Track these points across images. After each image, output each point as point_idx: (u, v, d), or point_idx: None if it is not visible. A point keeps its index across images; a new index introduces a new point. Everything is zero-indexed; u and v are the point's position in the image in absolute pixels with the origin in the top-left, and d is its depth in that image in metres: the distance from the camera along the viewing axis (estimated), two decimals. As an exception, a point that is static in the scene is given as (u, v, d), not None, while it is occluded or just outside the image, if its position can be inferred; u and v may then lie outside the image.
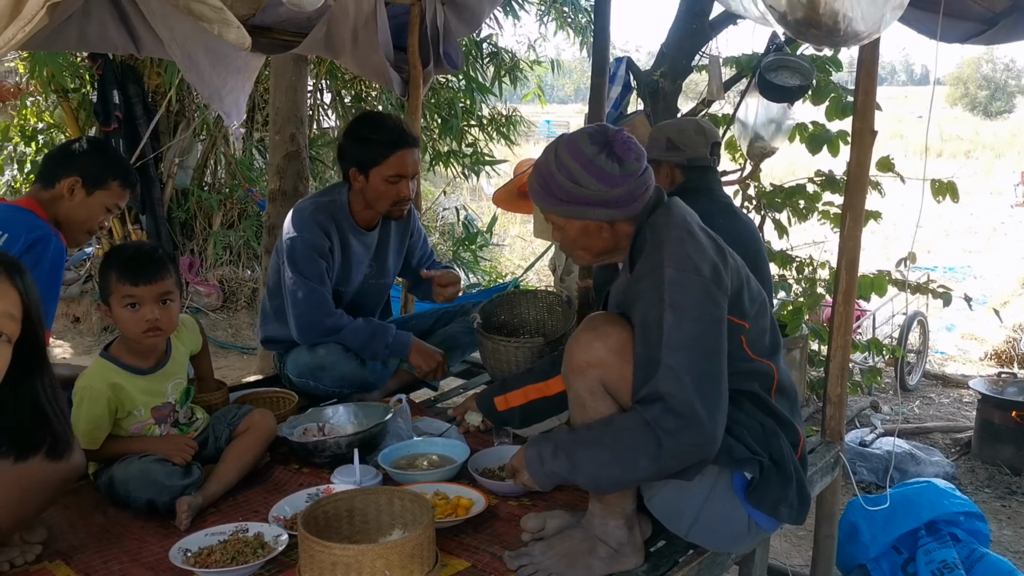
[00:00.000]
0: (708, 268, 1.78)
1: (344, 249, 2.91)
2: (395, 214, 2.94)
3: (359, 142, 2.84)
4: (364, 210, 2.94)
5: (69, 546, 2.01)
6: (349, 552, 1.55)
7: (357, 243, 2.96)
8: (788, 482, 1.85)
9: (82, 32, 2.60)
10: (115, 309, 2.19)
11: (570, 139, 1.89)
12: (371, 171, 2.81)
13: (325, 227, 2.84)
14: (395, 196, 2.85)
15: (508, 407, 2.32)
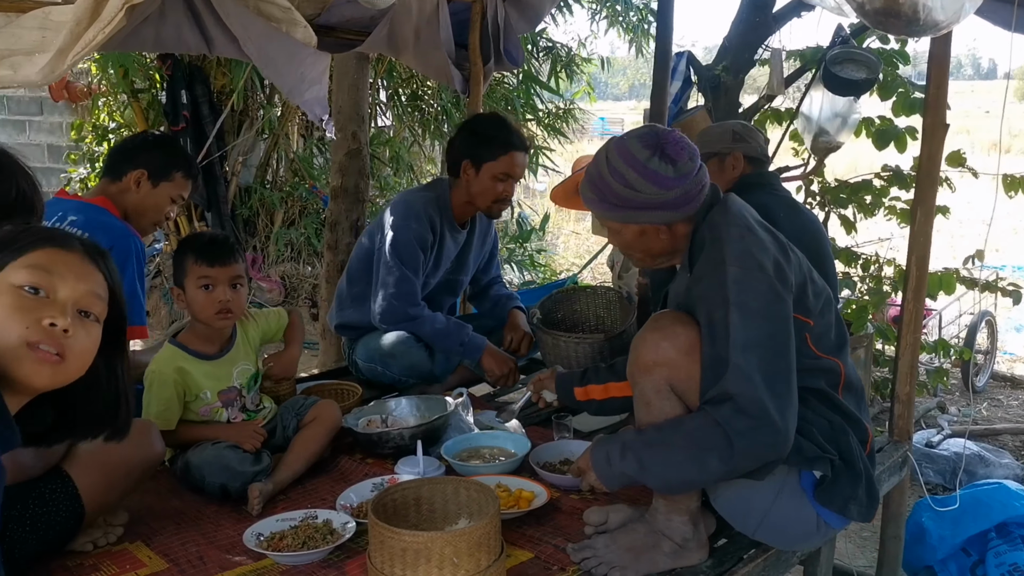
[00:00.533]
0: (771, 265, 1.76)
1: (440, 243, 3.01)
2: (494, 212, 3.06)
3: (480, 136, 2.95)
4: (463, 205, 3.04)
5: (149, 528, 2.09)
6: (419, 539, 1.58)
7: (450, 239, 3.06)
8: (857, 480, 1.83)
9: (157, 33, 2.68)
10: (189, 291, 2.28)
11: (620, 144, 1.89)
12: (484, 165, 2.93)
13: (433, 221, 2.95)
14: (499, 194, 2.97)
15: (587, 398, 2.32)
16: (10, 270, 1.22)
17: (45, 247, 1.25)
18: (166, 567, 1.92)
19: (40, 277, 1.22)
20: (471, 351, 2.94)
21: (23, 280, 1.21)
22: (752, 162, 2.80)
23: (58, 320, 1.20)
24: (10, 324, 1.18)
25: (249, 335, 2.45)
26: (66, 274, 1.24)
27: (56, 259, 1.25)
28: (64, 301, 1.23)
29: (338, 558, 1.96)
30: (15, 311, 1.19)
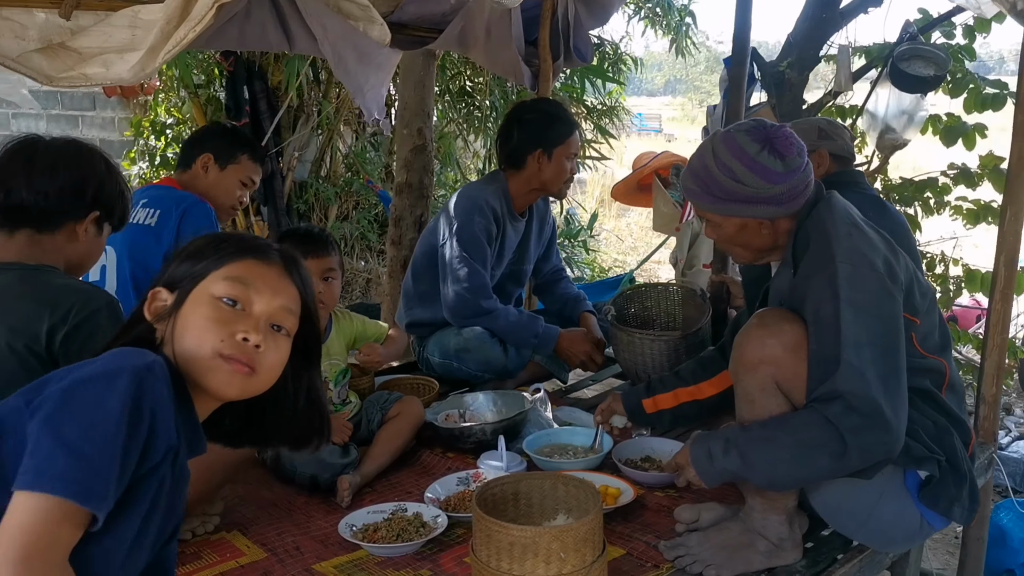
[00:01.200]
0: (881, 263, 1.75)
1: (502, 234, 3.03)
2: (564, 192, 3.13)
3: (544, 124, 2.98)
4: (526, 194, 3.07)
5: (243, 518, 2.13)
6: (527, 533, 1.59)
7: (511, 230, 3.08)
8: (962, 481, 1.81)
9: (242, 31, 2.72)
10: None
11: (727, 137, 1.88)
12: (555, 149, 2.97)
13: (495, 212, 2.97)
14: (570, 172, 3.05)
15: (657, 410, 2.31)
16: (211, 279, 1.24)
17: (246, 258, 1.27)
18: (265, 556, 1.96)
19: (238, 290, 1.24)
20: (545, 342, 2.96)
21: (222, 292, 1.23)
22: (837, 160, 2.78)
23: (251, 336, 1.21)
24: (207, 336, 1.20)
25: (344, 332, 2.49)
26: (263, 288, 1.25)
27: (255, 272, 1.26)
28: (258, 316, 1.24)
29: (431, 551, 1.99)
30: (212, 323, 1.21)
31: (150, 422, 1.08)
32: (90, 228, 1.85)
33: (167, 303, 1.25)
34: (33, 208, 1.77)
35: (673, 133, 23.46)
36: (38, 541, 0.97)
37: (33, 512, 0.98)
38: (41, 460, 1.00)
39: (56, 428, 1.02)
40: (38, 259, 1.77)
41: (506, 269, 3.16)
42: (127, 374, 1.06)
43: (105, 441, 1.02)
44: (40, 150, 1.80)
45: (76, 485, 0.99)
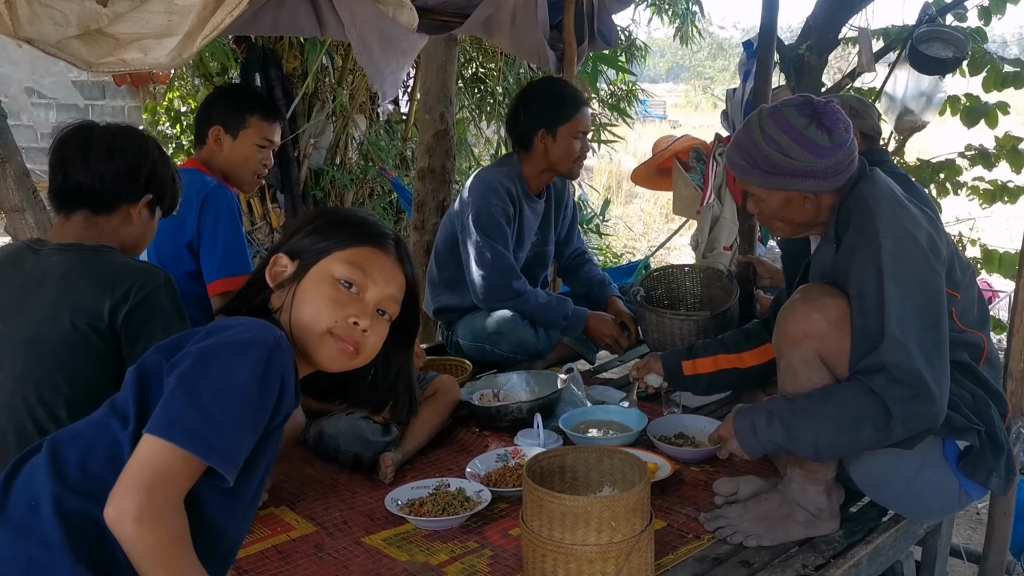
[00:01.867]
0: (924, 238, 1.78)
1: (520, 216, 3.05)
2: (575, 172, 3.11)
3: (548, 103, 2.99)
4: (539, 175, 3.08)
5: (290, 495, 2.18)
6: (579, 503, 1.63)
7: (529, 211, 3.09)
8: (1000, 452, 1.85)
9: (275, 17, 2.75)
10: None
11: (774, 112, 1.91)
12: (560, 129, 2.97)
13: (511, 193, 2.99)
14: (578, 153, 3.03)
15: (695, 372, 2.35)
16: (334, 259, 1.33)
17: (367, 245, 1.36)
18: (314, 530, 2.01)
19: (357, 275, 1.33)
20: (575, 323, 2.99)
21: (342, 274, 1.32)
22: (865, 139, 2.80)
23: (361, 320, 1.31)
24: (323, 314, 1.30)
25: None
26: (378, 277, 1.35)
27: (373, 260, 1.35)
28: (369, 301, 1.34)
29: (476, 524, 2.04)
30: (330, 302, 1.31)
31: (279, 390, 1.19)
32: (143, 211, 1.90)
33: (287, 271, 1.35)
34: (89, 190, 1.82)
35: (678, 120, 23.39)
36: (161, 476, 1.08)
37: (160, 455, 1.09)
38: (174, 412, 1.10)
39: (191, 386, 1.12)
40: (95, 240, 1.82)
41: (530, 252, 3.19)
42: (259, 346, 1.17)
43: (233, 405, 1.13)
44: (96, 135, 1.85)
45: (201, 442, 1.10)
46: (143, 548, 1.06)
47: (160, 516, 1.07)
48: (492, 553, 1.91)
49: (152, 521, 1.06)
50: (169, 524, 1.08)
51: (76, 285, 1.74)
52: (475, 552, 1.91)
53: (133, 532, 1.05)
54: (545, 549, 1.66)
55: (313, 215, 1.43)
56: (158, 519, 1.07)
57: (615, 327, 3.02)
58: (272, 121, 2.68)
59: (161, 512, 1.07)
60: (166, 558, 1.07)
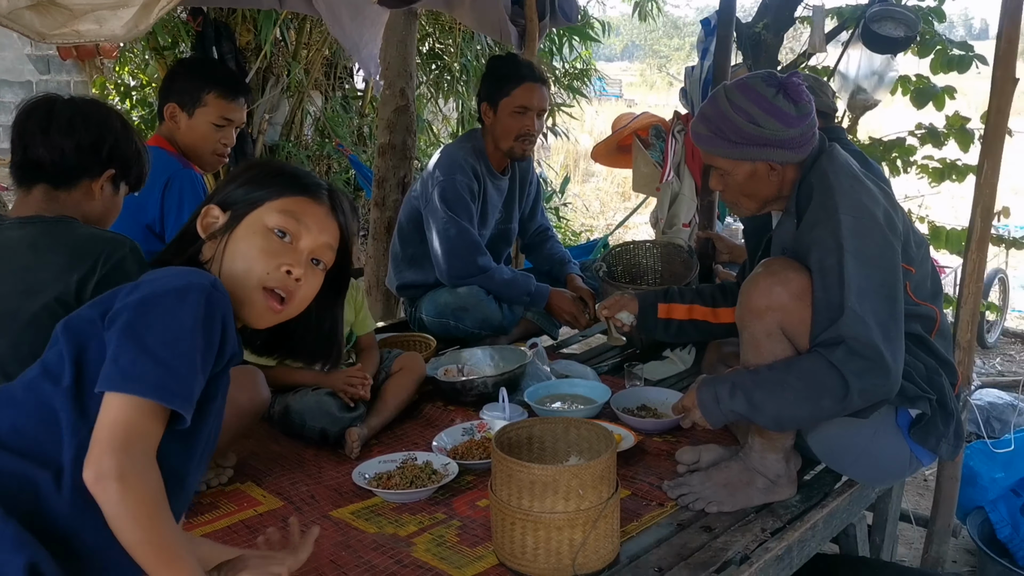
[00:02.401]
0: (882, 214, 1.84)
1: (484, 193, 3.05)
2: (518, 151, 3.05)
3: (491, 76, 3.00)
4: (495, 151, 3.07)
5: (256, 470, 2.18)
6: (547, 472, 1.66)
7: (493, 188, 3.10)
8: (949, 419, 1.92)
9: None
10: None
11: (741, 84, 1.95)
12: (500, 103, 2.96)
13: (475, 169, 2.99)
14: (520, 130, 2.98)
15: (668, 316, 2.33)
16: (266, 209, 1.33)
17: (300, 195, 1.35)
18: (281, 504, 2.02)
19: (290, 223, 1.33)
20: (538, 299, 3.02)
21: (275, 223, 1.32)
22: (822, 117, 2.85)
23: (295, 269, 1.31)
24: (256, 264, 1.30)
25: (355, 299, 2.54)
26: (312, 225, 1.34)
27: (306, 209, 1.35)
28: (303, 250, 1.34)
29: (443, 496, 2.06)
30: (263, 252, 1.30)
31: (221, 332, 1.19)
32: (106, 186, 1.87)
33: (218, 222, 1.34)
34: (49, 165, 1.79)
35: (633, 99, 23.48)
36: (134, 432, 1.09)
37: (127, 409, 1.09)
38: (127, 365, 1.10)
39: (138, 337, 1.12)
40: (57, 213, 1.78)
41: (495, 229, 3.20)
42: (197, 290, 1.17)
43: (183, 349, 1.13)
44: (58, 108, 1.81)
45: (161, 388, 1.11)
46: (126, 508, 1.06)
47: (141, 473, 1.08)
48: (460, 524, 1.93)
49: (135, 479, 1.06)
50: (149, 480, 1.09)
51: (41, 259, 1.71)
52: (443, 523, 1.93)
53: (116, 492, 1.05)
54: (514, 517, 1.69)
55: (246, 166, 1.42)
56: (140, 476, 1.07)
57: (575, 304, 3.05)
58: (232, 98, 2.57)
59: (142, 469, 1.08)
60: (148, 516, 1.07)
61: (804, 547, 1.91)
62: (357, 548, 1.82)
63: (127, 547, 1.07)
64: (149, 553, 1.08)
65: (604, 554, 1.72)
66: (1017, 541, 2.77)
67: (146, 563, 1.08)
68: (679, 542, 1.85)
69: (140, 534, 1.07)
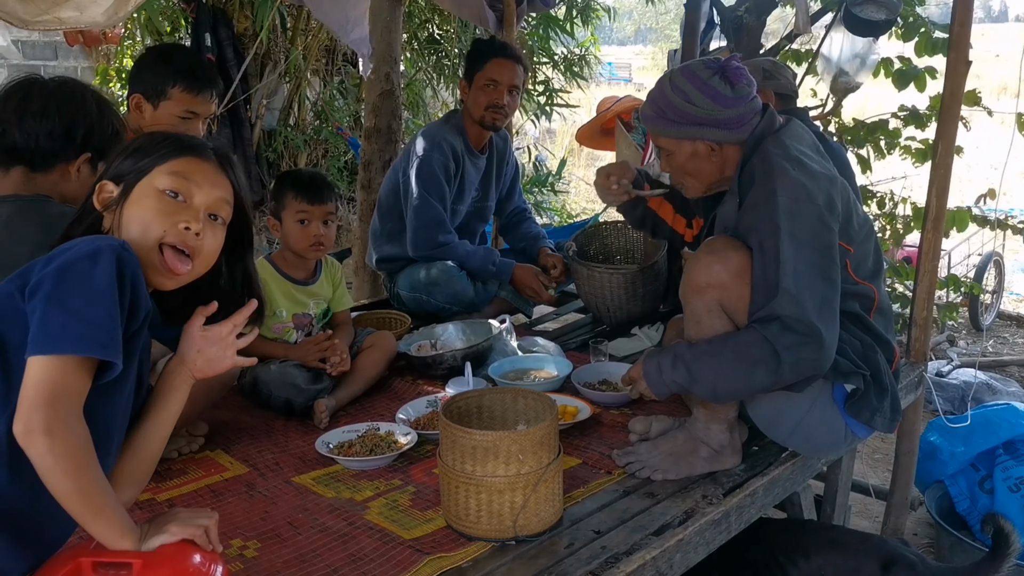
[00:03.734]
0: (822, 196, 1.89)
1: (462, 171, 3.15)
2: (488, 120, 3.13)
3: (470, 54, 3.14)
4: (472, 126, 3.18)
5: (226, 439, 2.28)
6: (488, 437, 1.74)
7: (470, 164, 3.20)
8: (884, 394, 1.99)
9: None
10: (287, 224, 2.49)
11: (685, 66, 2.03)
12: (473, 78, 3.09)
13: (454, 148, 3.10)
14: (488, 100, 3.08)
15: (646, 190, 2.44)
16: (155, 174, 1.40)
17: (186, 155, 1.42)
18: (246, 471, 2.11)
19: (180, 183, 1.40)
20: (503, 269, 3.13)
21: (166, 185, 1.39)
22: (782, 99, 2.91)
23: (192, 224, 1.39)
24: (152, 225, 1.37)
25: (331, 276, 2.64)
26: (202, 182, 1.42)
27: (195, 167, 1.42)
28: (198, 206, 1.41)
29: (402, 464, 2.15)
30: (158, 213, 1.38)
31: (132, 288, 1.27)
32: (83, 168, 1.92)
33: (113, 195, 1.41)
34: (25, 149, 1.85)
35: (643, 82, 23.40)
36: (60, 388, 1.16)
37: (53, 369, 1.17)
38: (56, 328, 1.18)
39: (61, 301, 1.20)
40: (33, 193, 1.86)
41: (471, 207, 3.29)
42: (107, 251, 1.25)
43: (104, 306, 1.21)
44: (34, 92, 1.87)
45: (92, 342, 1.19)
46: (54, 459, 1.14)
47: (68, 426, 1.15)
48: (415, 489, 2.02)
49: (61, 431, 1.14)
50: (76, 433, 1.17)
51: (15, 235, 1.78)
52: (399, 489, 2.02)
53: (44, 444, 1.13)
54: (458, 481, 1.78)
55: (132, 140, 1.47)
56: (67, 429, 1.15)
57: (537, 279, 3.14)
58: (198, 91, 2.48)
59: (68, 422, 1.16)
60: (78, 469, 1.15)
61: (743, 513, 1.99)
62: (313, 511, 1.91)
63: (57, 497, 1.15)
64: (77, 503, 1.16)
65: (545, 517, 1.81)
66: (975, 514, 2.84)
67: (75, 512, 1.17)
68: (622, 507, 1.93)
69: (68, 484, 1.15)
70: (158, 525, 1.29)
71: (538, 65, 7.42)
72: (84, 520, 1.18)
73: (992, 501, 2.78)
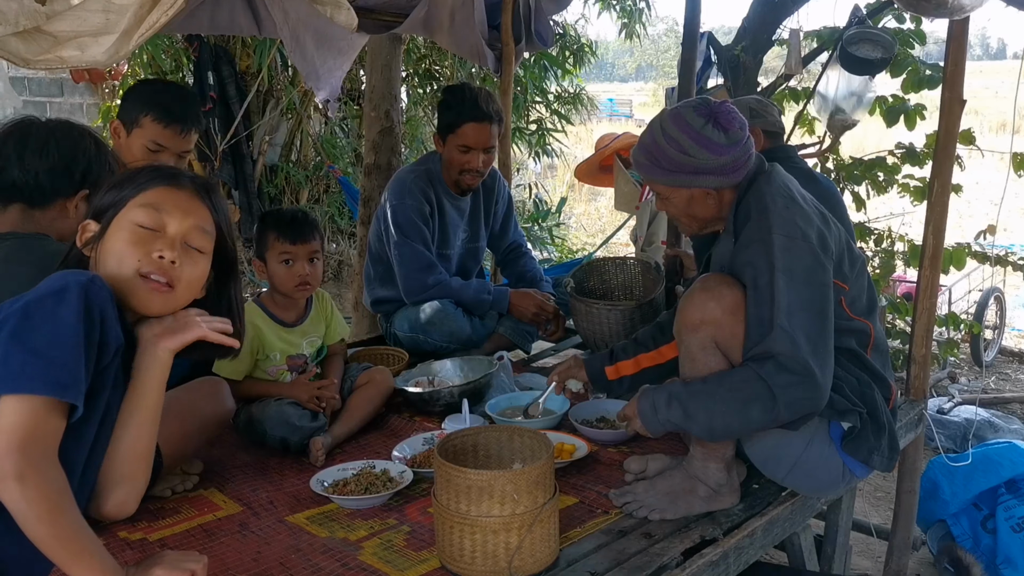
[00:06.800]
0: (815, 235, 1.90)
1: (440, 213, 3.15)
2: (463, 184, 3.13)
3: (442, 108, 3.09)
4: (448, 175, 3.16)
5: (220, 478, 2.26)
6: (483, 477, 1.73)
7: (451, 208, 3.19)
8: (881, 432, 1.98)
9: (213, 16, 2.83)
10: (271, 265, 2.46)
11: (674, 113, 2.02)
12: (448, 137, 3.06)
13: (425, 193, 3.08)
14: (462, 165, 3.07)
15: (619, 376, 2.40)
16: (130, 207, 1.40)
17: (159, 186, 1.43)
18: (240, 510, 2.09)
19: (152, 215, 1.40)
20: (499, 298, 3.13)
21: (139, 218, 1.40)
22: (769, 136, 2.94)
23: (166, 253, 1.39)
24: (126, 257, 1.37)
25: (323, 312, 2.63)
26: (174, 211, 1.42)
27: (167, 197, 1.42)
28: (173, 236, 1.41)
29: (397, 503, 2.13)
30: (130, 245, 1.38)
31: (100, 324, 1.26)
32: (80, 205, 1.94)
33: (94, 233, 1.41)
34: (24, 186, 1.87)
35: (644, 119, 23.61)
36: (31, 433, 1.15)
37: (21, 411, 1.15)
38: (17, 366, 1.17)
39: (23, 340, 1.19)
40: (32, 230, 1.88)
41: (461, 249, 3.29)
42: (74, 288, 1.24)
43: (68, 345, 1.20)
44: (33, 131, 1.90)
45: (53, 384, 1.17)
46: (27, 505, 1.12)
47: (40, 471, 1.14)
48: (410, 529, 2.00)
49: (33, 477, 1.13)
50: (50, 478, 1.15)
51: (9, 271, 1.79)
52: (393, 528, 2.00)
53: (16, 491, 1.12)
54: (453, 521, 1.76)
55: (112, 178, 1.49)
56: (39, 474, 1.14)
57: (538, 297, 3.14)
58: (167, 124, 2.48)
59: (40, 467, 1.14)
60: (52, 514, 1.14)
61: (741, 554, 1.97)
62: (307, 551, 1.89)
63: (35, 543, 1.14)
64: (56, 547, 1.15)
65: (541, 558, 1.78)
66: (978, 554, 2.80)
67: (54, 557, 1.15)
68: (618, 547, 1.90)
69: (44, 529, 1.13)
70: (144, 568, 1.28)
71: (531, 104, 7.49)
72: (64, 565, 1.17)
73: (995, 541, 2.75)
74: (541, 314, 3.16)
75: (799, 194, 2.03)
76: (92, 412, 1.28)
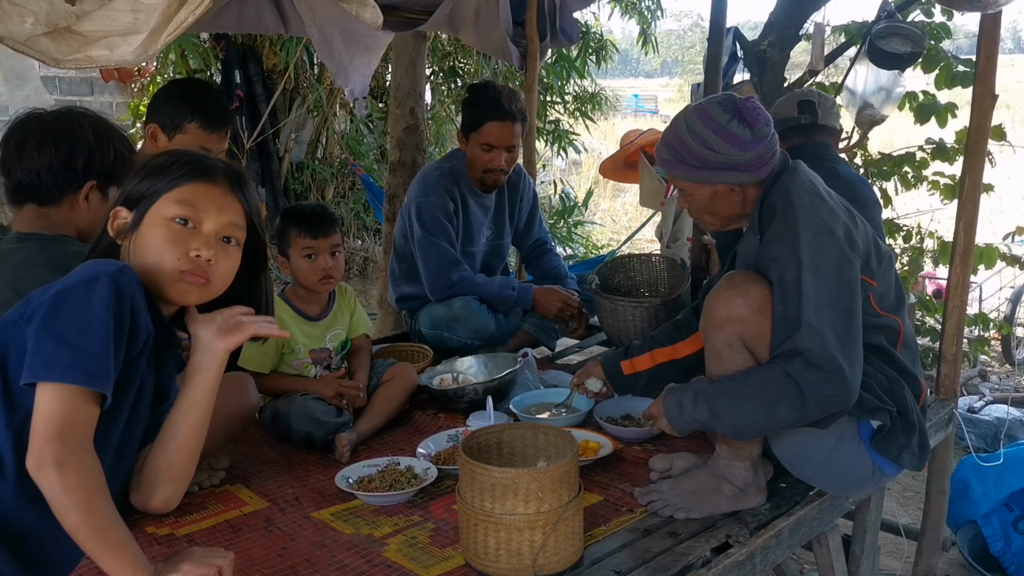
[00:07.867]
0: (842, 231, 1.88)
1: (465, 211, 3.15)
2: (487, 182, 3.14)
3: (465, 107, 3.10)
4: (472, 173, 3.16)
5: (246, 473, 2.28)
6: (508, 475, 1.73)
7: (476, 205, 3.19)
8: (911, 431, 1.95)
9: (240, 14, 2.85)
10: (294, 260, 2.48)
11: (699, 108, 2.01)
12: (470, 136, 3.07)
13: (449, 190, 3.09)
14: (486, 164, 3.07)
15: (634, 371, 2.40)
16: (163, 202, 1.40)
17: (195, 181, 1.42)
18: (266, 506, 2.11)
19: (188, 211, 1.40)
20: (523, 294, 3.12)
21: (174, 213, 1.39)
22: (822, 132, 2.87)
23: (203, 252, 1.39)
24: (164, 255, 1.37)
25: (347, 305, 2.64)
26: (210, 208, 1.41)
27: (203, 193, 1.42)
28: (208, 233, 1.41)
29: (421, 499, 2.13)
30: (168, 243, 1.38)
31: (131, 314, 1.27)
32: (92, 196, 1.93)
33: (127, 221, 1.41)
34: (29, 186, 1.88)
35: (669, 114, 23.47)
36: (69, 421, 1.17)
37: (58, 399, 1.17)
38: (48, 356, 1.18)
39: (54, 330, 1.20)
40: (51, 230, 1.89)
41: (486, 246, 3.30)
42: (104, 278, 1.24)
43: (97, 335, 1.21)
44: (31, 128, 1.89)
45: (82, 373, 1.18)
46: (65, 493, 1.14)
47: (78, 459, 1.16)
48: (434, 526, 2.00)
49: (72, 465, 1.14)
50: (87, 466, 1.17)
51: (29, 273, 1.80)
52: (418, 525, 2.01)
53: (56, 478, 1.13)
54: (477, 519, 1.76)
55: (146, 162, 1.47)
56: (77, 462, 1.15)
57: (562, 292, 3.13)
58: (213, 130, 2.52)
59: (79, 455, 1.16)
60: (89, 502, 1.16)
61: (768, 554, 1.95)
62: (332, 548, 1.90)
63: (68, 530, 1.16)
64: (89, 536, 1.16)
65: (565, 556, 1.78)
66: (1009, 555, 2.77)
67: (86, 545, 1.17)
68: (643, 546, 1.89)
69: (79, 518, 1.15)
70: (172, 564, 1.29)
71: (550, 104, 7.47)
72: (95, 554, 1.18)
73: (1027, 542, 2.71)
74: (566, 310, 3.15)
75: (824, 190, 2.01)
76: (122, 402, 1.30)
